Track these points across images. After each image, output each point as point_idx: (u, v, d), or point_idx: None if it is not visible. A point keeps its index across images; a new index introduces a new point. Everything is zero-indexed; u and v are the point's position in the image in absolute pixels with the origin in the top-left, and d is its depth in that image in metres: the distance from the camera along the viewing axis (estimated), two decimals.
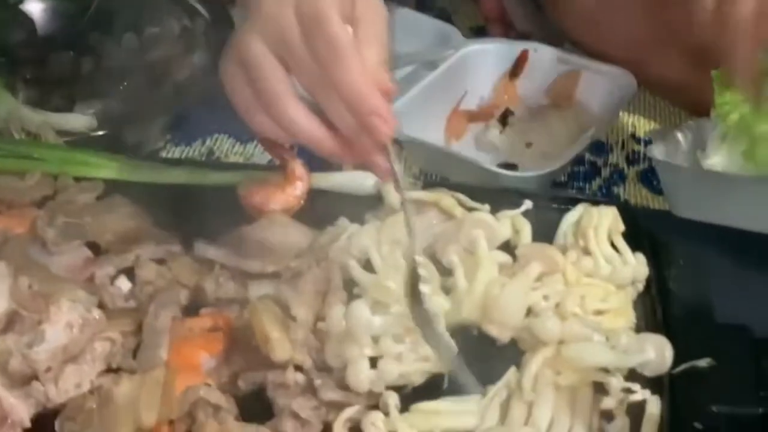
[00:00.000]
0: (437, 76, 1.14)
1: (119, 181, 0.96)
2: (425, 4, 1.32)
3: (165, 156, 1.10)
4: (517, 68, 1.17)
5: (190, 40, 1.18)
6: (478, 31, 1.29)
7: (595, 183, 1.08)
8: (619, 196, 1.05)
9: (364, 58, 0.76)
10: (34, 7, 1.20)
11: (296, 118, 0.78)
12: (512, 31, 1.27)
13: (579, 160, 1.09)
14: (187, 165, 0.99)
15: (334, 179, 0.96)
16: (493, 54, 1.18)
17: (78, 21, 1.20)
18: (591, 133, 1.06)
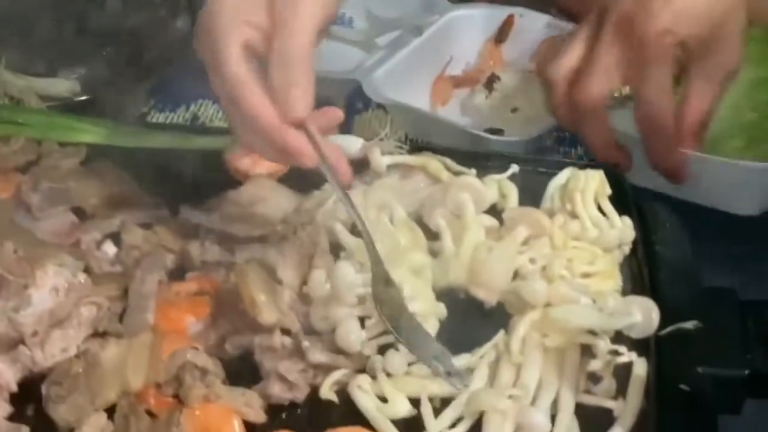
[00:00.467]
0: (422, 42, 1.14)
1: (104, 146, 0.96)
2: None
3: (147, 121, 1.09)
4: (503, 33, 1.17)
5: (174, 4, 1.18)
6: None
7: (581, 147, 1.08)
8: None
9: (274, 89, 0.73)
10: None
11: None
12: None
13: None
14: (173, 129, 0.99)
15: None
16: (478, 19, 1.18)
17: None
18: None
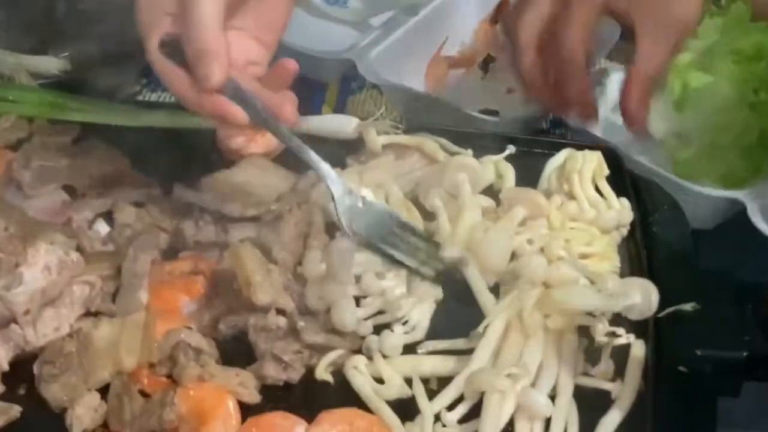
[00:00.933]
0: (418, 22, 1.13)
1: (96, 125, 0.94)
2: None
3: (140, 100, 1.08)
4: (498, 14, 1.15)
5: None
6: None
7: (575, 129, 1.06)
8: None
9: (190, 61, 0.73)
10: None
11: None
12: None
13: None
14: (165, 108, 0.97)
15: (315, 122, 0.95)
16: None
17: None
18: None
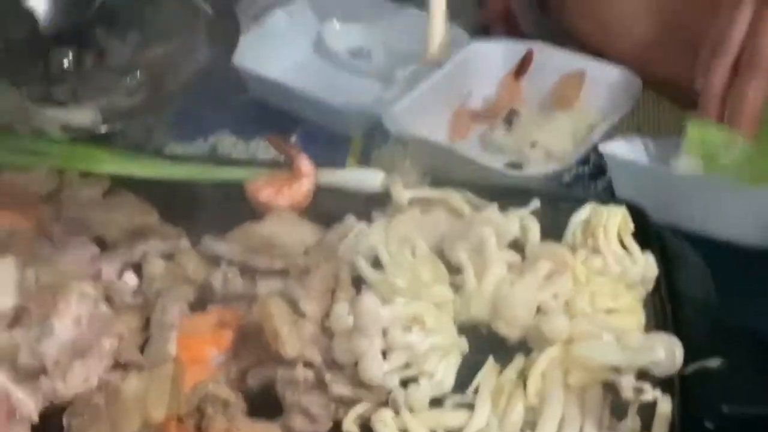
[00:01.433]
0: (442, 75, 1.14)
1: (125, 177, 0.96)
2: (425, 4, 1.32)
3: (168, 153, 1.09)
4: (522, 68, 1.17)
5: (194, 36, 1.17)
6: (483, 31, 1.28)
7: (600, 183, 1.08)
8: None
9: None
10: (37, 1, 1.20)
11: None
12: (515, 32, 1.26)
13: (584, 161, 1.09)
14: (194, 161, 0.99)
15: (341, 176, 0.97)
16: (497, 54, 1.18)
17: (81, 16, 1.19)
18: (596, 134, 1.07)
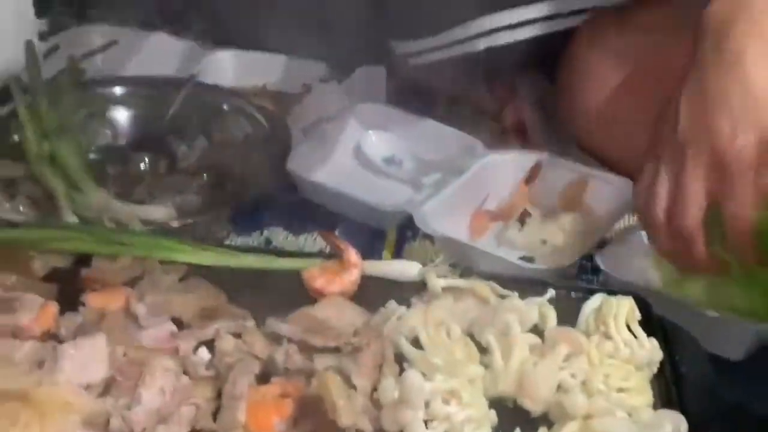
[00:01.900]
0: (463, 181, 1.26)
1: (197, 265, 1.05)
2: (451, 119, 1.42)
3: (228, 243, 1.19)
4: (533, 175, 1.28)
5: (252, 145, 1.29)
6: (498, 143, 1.38)
7: (601, 276, 1.17)
8: None
9: None
10: (120, 115, 1.32)
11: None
12: (528, 141, 1.37)
13: (587, 256, 1.19)
14: (256, 252, 1.09)
15: (384, 267, 1.07)
16: (511, 162, 1.29)
17: (157, 126, 1.32)
18: (598, 234, 1.19)
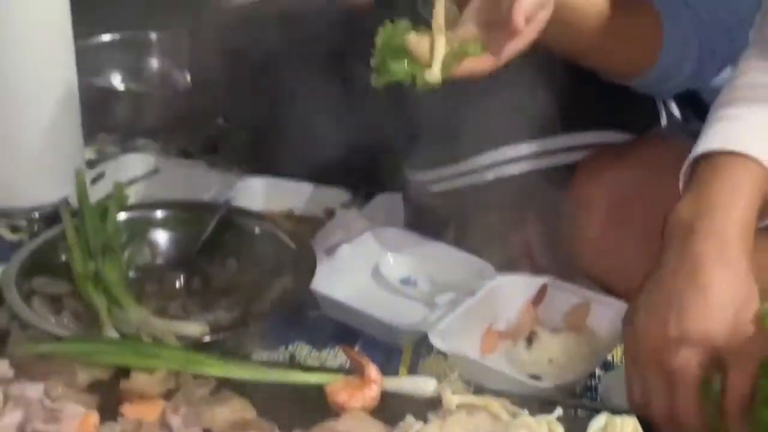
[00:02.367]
0: (474, 302, 1.32)
1: (227, 379, 1.12)
2: (463, 244, 1.48)
3: (256, 358, 1.25)
4: (539, 298, 1.35)
5: (279, 266, 1.34)
6: (506, 266, 1.43)
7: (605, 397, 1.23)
8: None
9: None
10: (159, 236, 1.41)
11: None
12: (535, 265, 1.44)
13: (591, 375, 1.25)
14: (281, 367, 1.16)
15: (402, 383, 1.14)
16: (519, 285, 1.35)
17: (191, 248, 1.39)
18: (600, 355, 1.26)
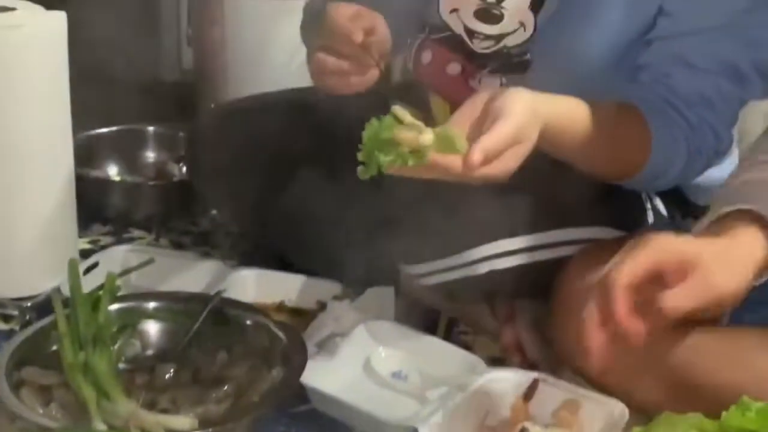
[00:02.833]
0: (465, 397, 1.36)
1: None
2: (455, 338, 1.55)
3: None
4: (530, 393, 1.37)
5: (270, 357, 1.37)
6: (497, 361, 1.50)
7: None
8: None
9: None
10: (150, 327, 1.43)
11: None
12: (526, 360, 1.48)
13: None
14: None
15: None
16: (510, 380, 1.38)
17: (180, 339, 1.41)
18: None
